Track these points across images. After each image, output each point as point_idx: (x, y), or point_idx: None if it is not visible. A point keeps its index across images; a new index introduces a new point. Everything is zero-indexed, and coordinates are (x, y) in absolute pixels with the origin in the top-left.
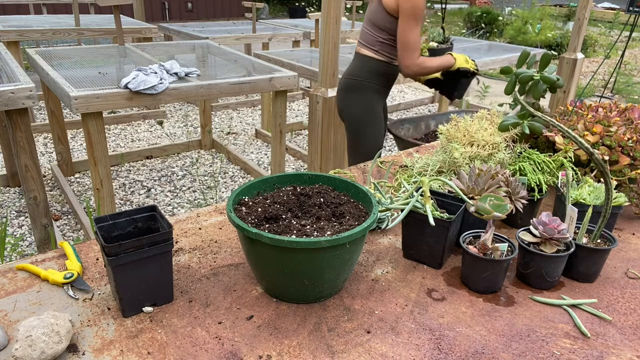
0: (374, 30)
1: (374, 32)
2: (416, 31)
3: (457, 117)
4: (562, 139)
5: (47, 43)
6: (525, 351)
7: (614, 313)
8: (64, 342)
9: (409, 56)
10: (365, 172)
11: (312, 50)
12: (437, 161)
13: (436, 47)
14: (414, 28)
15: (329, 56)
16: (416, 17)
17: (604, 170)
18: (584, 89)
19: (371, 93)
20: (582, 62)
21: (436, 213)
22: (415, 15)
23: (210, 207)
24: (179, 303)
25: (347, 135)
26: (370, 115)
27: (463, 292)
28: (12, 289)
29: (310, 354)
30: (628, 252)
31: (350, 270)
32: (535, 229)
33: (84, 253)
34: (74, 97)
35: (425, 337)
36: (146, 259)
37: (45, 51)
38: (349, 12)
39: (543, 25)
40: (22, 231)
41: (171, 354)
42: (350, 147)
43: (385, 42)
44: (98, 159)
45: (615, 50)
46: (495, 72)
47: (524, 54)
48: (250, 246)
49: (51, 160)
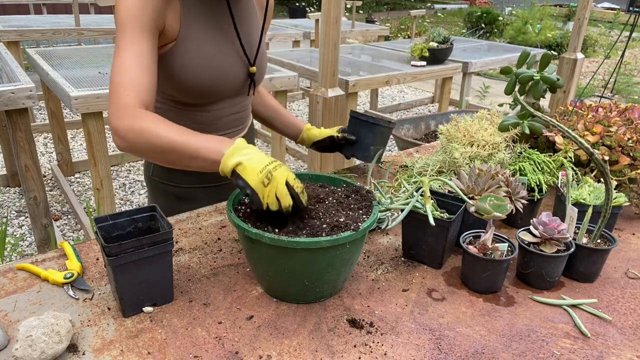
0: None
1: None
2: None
3: (457, 117)
4: (562, 139)
5: (47, 43)
6: (525, 351)
7: (614, 313)
8: (64, 342)
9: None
10: (365, 172)
11: (312, 50)
12: (437, 161)
13: (436, 47)
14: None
15: (329, 56)
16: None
17: (604, 170)
18: (584, 89)
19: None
20: (582, 62)
21: (436, 213)
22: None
23: (210, 207)
24: (179, 303)
25: None
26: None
27: (463, 292)
28: (12, 289)
29: (310, 354)
30: (628, 252)
31: (350, 270)
32: (535, 229)
33: (84, 253)
34: (74, 97)
35: (425, 337)
36: (146, 259)
37: (45, 51)
38: (349, 12)
39: (543, 25)
40: (22, 231)
41: (171, 354)
42: None
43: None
44: (98, 159)
45: (615, 50)
46: (495, 72)
47: (524, 54)
48: (250, 246)
49: (51, 160)
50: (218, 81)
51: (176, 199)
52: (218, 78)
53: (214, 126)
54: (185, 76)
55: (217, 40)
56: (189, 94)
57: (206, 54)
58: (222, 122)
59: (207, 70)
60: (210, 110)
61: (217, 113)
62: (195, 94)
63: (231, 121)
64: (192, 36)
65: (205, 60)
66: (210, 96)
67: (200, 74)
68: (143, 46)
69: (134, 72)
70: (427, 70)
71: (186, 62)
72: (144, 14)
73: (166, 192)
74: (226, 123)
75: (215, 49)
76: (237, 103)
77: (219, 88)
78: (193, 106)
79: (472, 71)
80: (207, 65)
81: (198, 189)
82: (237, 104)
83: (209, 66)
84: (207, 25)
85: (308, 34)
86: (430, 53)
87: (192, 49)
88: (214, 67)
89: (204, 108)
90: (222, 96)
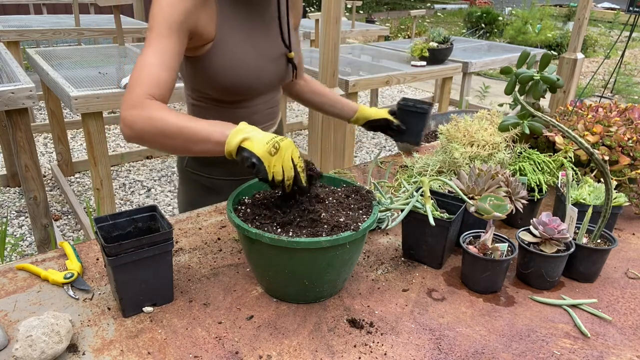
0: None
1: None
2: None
3: (457, 117)
4: (562, 139)
5: (47, 43)
6: (525, 351)
7: (614, 313)
8: (64, 342)
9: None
10: (365, 172)
11: (312, 50)
12: (437, 161)
13: (436, 47)
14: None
15: (329, 56)
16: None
17: (604, 170)
18: (584, 89)
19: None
20: (582, 62)
21: (436, 213)
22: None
23: (210, 207)
24: (179, 303)
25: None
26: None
27: (463, 292)
28: (12, 289)
29: (311, 354)
30: (628, 252)
31: (350, 270)
32: (535, 229)
33: (84, 253)
34: (74, 97)
35: (426, 337)
36: (146, 259)
37: (45, 51)
38: (349, 12)
39: (543, 25)
40: (22, 231)
41: (171, 354)
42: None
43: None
44: (98, 159)
45: (615, 50)
46: (495, 72)
47: (524, 54)
48: (250, 246)
49: (51, 160)
50: (257, 76)
51: (206, 190)
52: (256, 74)
53: (250, 121)
54: (224, 77)
55: (254, 36)
56: (228, 93)
57: (244, 52)
58: (256, 118)
59: (246, 68)
60: (246, 107)
61: (253, 109)
62: (233, 92)
63: (265, 116)
64: (229, 37)
65: (243, 58)
66: (248, 93)
67: (239, 74)
68: (168, 45)
69: (153, 69)
70: (427, 70)
71: (226, 61)
72: (173, 14)
73: (196, 183)
74: (261, 118)
75: (252, 45)
76: (271, 98)
77: (258, 82)
78: (230, 104)
79: (472, 71)
80: (245, 62)
81: (226, 181)
82: (270, 99)
83: (248, 63)
84: (242, 23)
85: (308, 34)
86: (430, 53)
87: (229, 48)
88: (252, 64)
89: (240, 104)
90: (260, 91)
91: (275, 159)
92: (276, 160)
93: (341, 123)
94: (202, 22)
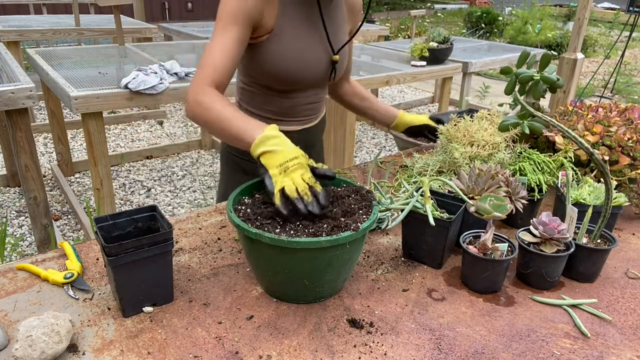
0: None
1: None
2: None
3: (457, 117)
4: (562, 139)
5: (47, 43)
6: (525, 351)
7: (614, 313)
8: (64, 342)
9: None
10: (366, 172)
11: None
12: (437, 161)
13: (436, 47)
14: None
15: None
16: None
17: (604, 170)
18: (584, 89)
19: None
20: (582, 62)
21: (436, 213)
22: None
23: (210, 207)
24: (179, 303)
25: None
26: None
27: (463, 292)
28: (12, 289)
29: (311, 354)
30: (628, 252)
31: (350, 270)
32: (535, 229)
33: (84, 253)
34: (74, 97)
35: (425, 337)
36: (146, 259)
37: (45, 51)
38: None
39: (543, 25)
40: (22, 231)
41: (171, 354)
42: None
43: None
44: (98, 159)
45: (615, 50)
46: (495, 72)
47: (524, 54)
48: (250, 246)
49: (51, 160)
50: (304, 71)
51: (244, 173)
52: (304, 69)
53: (292, 112)
54: (275, 64)
55: (307, 35)
56: (276, 80)
57: (296, 47)
58: (297, 110)
59: (296, 61)
60: (291, 97)
61: (296, 101)
62: (281, 80)
63: (306, 110)
64: (286, 30)
65: (295, 52)
66: (294, 84)
67: (289, 63)
68: (232, 35)
69: (217, 56)
70: (427, 70)
71: (279, 51)
72: (241, 7)
73: (236, 165)
74: (301, 111)
75: (305, 42)
76: (314, 94)
77: (304, 77)
78: (277, 91)
79: (472, 71)
80: (296, 56)
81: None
82: (314, 95)
83: (298, 57)
84: (299, 21)
85: None
86: (430, 53)
87: (285, 41)
88: (302, 59)
89: (285, 95)
90: (305, 85)
91: (281, 178)
92: (283, 178)
93: (341, 123)
94: (265, 15)
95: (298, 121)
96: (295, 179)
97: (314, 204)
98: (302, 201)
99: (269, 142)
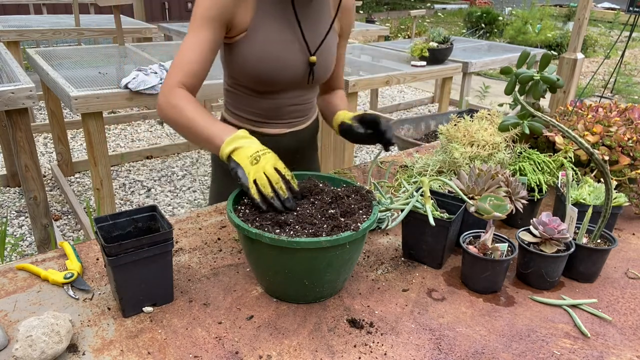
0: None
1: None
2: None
3: (457, 117)
4: (562, 139)
5: (47, 43)
6: (525, 351)
7: (614, 313)
8: (64, 342)
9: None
10: (366, 172)
11: None
12: (437, 161)
13: (436, 47)
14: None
15: None
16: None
17: (604, 170)
18: (584, 89)
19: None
20: (582, 62)
21: (436, 213)
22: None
23: (210, 207)
24: (179, 303)
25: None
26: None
27: (463, 292)
28: (12, 289)
29: (310, 354)
30: (628, 252)
31: (350, 270)
32: (535, 229)
33: (84, 253)
34: (74, 97)
35: (425, 337)
36: (146, 259)
37: (45, 51)
38: None
39: (543, 25)
40: (22, 231)
41: (171, 354)
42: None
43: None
44: (98, 159)
45: (615, 50)
46: (495, 72)
47: (524, 54)
48: (250, 246)
49: (51, 160)
50: (280, 71)
51: (232, 179)
52: (280, 69)
53: (276, 114)
54: (251, 64)
55: (281, 34)
56: (253, 81)
57: (270, 47)
58: (282, 111)
59: (270, 62)
60: (273, 99)
61: (279, 102)
62: (258, 81)
63: (291, 112)
64: (261, 30)
65: (268, 52)
66: (272, 85)
67: (263, 64)
68: (204, 36)
69: (189, 56)
70: (427, 70)
71: (253, 52)
72: (212, 7)
73: (224, 169)
74: (287, 113)
75: (280, 42)
76: (297, 96)
77: (280, 78)
78: (258, 93)
79: (472, 71)
80: (270, 57)
81: None
82: (298, 97)
83: (273, 58)
84: (274, 21)
85: None
86: (430, 53)
87: (257, 41)
88: (277, 59)
89: (267, 96)
90: (283, 86)
91: (255, 168)
92: (257, 168)
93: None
94: (239, 15)
95: (285, 123)
96: (267, 169)
97: (290, 200)
98: (278, 197)
99: (239, 140)
